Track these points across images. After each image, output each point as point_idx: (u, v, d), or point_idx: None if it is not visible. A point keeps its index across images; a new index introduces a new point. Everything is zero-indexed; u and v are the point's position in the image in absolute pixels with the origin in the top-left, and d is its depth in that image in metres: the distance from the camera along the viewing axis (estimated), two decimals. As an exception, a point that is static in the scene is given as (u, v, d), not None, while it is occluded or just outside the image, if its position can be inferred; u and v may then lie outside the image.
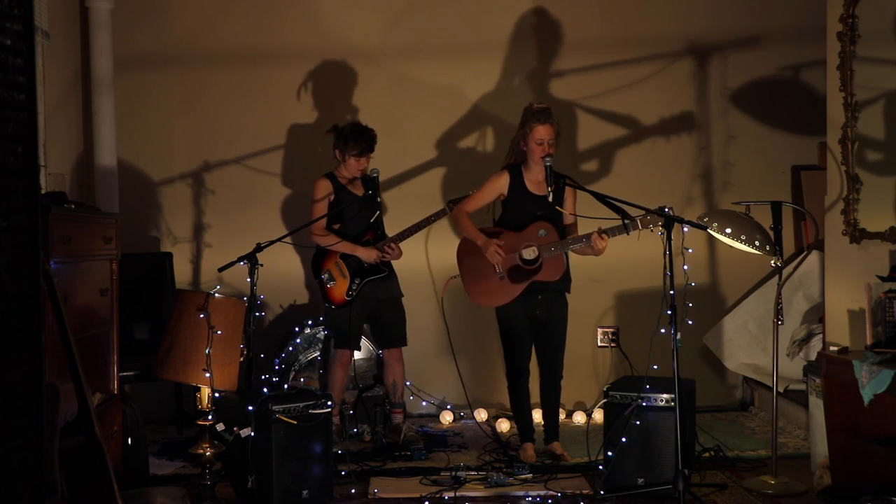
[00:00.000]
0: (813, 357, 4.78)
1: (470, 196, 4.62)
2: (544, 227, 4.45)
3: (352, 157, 4.79)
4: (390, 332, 4.94)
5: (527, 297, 4.49)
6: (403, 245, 4.94)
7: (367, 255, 4.80)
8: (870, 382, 3.54)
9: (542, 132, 4.40)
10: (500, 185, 4.52)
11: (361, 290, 4.84)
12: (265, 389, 4.18)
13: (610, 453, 4.04)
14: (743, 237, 4.15)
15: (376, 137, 4.86)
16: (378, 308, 4.92)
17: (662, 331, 3.84)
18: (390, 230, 4.97)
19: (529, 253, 4.45)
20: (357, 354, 5.15)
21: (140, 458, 4.13)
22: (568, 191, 4.52)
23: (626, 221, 4.09)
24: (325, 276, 4.85)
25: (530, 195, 4.50)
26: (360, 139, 4.78)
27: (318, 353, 5.25)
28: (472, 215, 4.62)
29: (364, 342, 5.21)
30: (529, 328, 4.56)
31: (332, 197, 4.85)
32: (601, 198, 4.04)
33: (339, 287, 4.84)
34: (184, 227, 5.69)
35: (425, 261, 5.70)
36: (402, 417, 5.00)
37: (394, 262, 4.97)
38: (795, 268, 5.15)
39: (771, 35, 5.81)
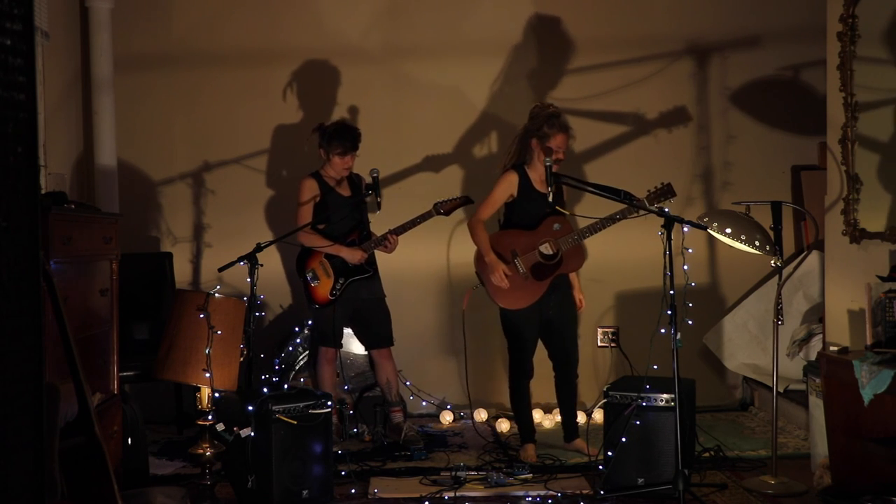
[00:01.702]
0: (813, 357, 4.77)
1: (482, 203, 4.57)
2: (557, 220, 4.47)
3: (336, 156, 4.79)
4: (377, 333, 4.94)
5: (542, 297, 4.49)
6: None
7: (351, 255, 4.80)
8: (870, 382, 3.54)
9: (560, 140, 4.42)
10: (511, 185, 4.51)
11: (345, 290, 4.84)
12: (265, 389, 4.18)
13: (610, 453, 4.04)
14: (743, 237, 4.15)
15: (360, 136, 4.86)
16: (362, 308, 4.92)
17: (662, 331, 3.84)
18: (388, 229, 4.96)
19: (547, 248, 4.46)
20: (361, 350, 5.15)
21: (140, 458, 4.12)
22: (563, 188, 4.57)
23: (636, 201, 4.18)
24: (309, 275, 4.85)
25: (538, 193, 4.49)
26: (344, 137, 4.78)
27: (307, 352, 5.24)
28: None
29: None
30: (538, 328, 4.57)
31: (317, 198, 4.85)
32: (601, 188, 4.10)
33: (323, 286, 4.84)
34: (184, 227, 5.69)
35: (425, 260, 5.69)
36: (403, 416, 4.99)
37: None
38: (795, 268, 5.15)
39: (771, 35, 5.81)
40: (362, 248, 4.83)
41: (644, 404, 4.00)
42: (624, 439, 3.99)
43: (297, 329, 5.33)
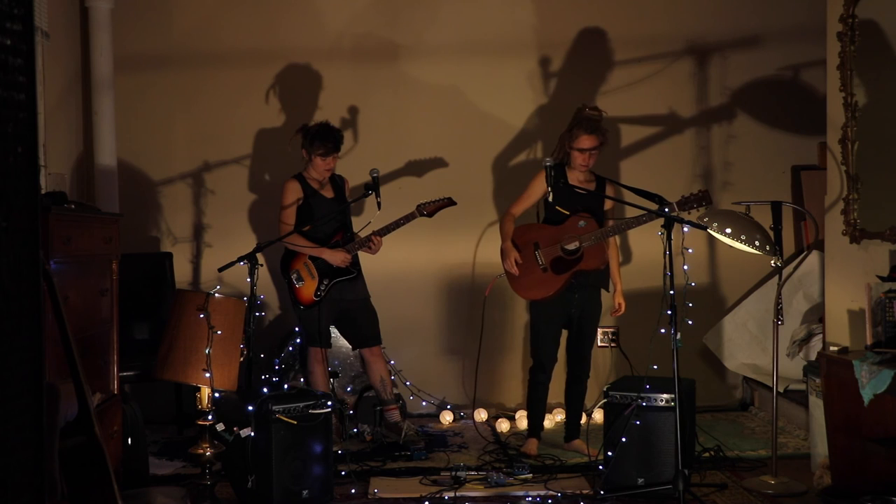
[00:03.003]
0: (813, 357, 4.77)
1: (517, 199, 4.67)
2: (583, 218, 4.50)
3: (317, 157, 4.78)
4: (364, 333, 4.94)
5: (566, 294, 4.53)
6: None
7: (333, 257, 4.79)
8: (870, 382, 3.54)
9: (585, 141, 4.47)
10: (544, 182, 4.52)
11: (329, 291, 4.84)
12: (265, 389, 4.18)
13: (610, 453, 4.04)
14: (743, 237, 4.15)
15: (342, 137, 4.86)
16: (348, 309, 4.91)
17: (662, 331, 3.84)
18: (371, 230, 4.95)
19: (573, 244, 4.50)
20: None
21: (140, 458, 4.13)
22: (608, 186, 4.63)
23: (665, 207, 4.18)
24: (294, 277, 4.85)
25: (574, 192, 4.50)
26: (326, 139, 4.77)
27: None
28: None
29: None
30: (560, 325, 4.64)
31: (301, 200, 4.84)
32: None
33: (308, 287, 4.83)
34: (184, 227, 5.69)
35: (426, 262, 5.69)
36: (401, 414, 4.98)
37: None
38: (795, 268, 5.15)
39: (771, 35, 5.81)
40: (346, 249, 4.83)
41: (644, 404, 4.00)
42: (624, 439, 4.00)
43: (297, 329, 5.33)
